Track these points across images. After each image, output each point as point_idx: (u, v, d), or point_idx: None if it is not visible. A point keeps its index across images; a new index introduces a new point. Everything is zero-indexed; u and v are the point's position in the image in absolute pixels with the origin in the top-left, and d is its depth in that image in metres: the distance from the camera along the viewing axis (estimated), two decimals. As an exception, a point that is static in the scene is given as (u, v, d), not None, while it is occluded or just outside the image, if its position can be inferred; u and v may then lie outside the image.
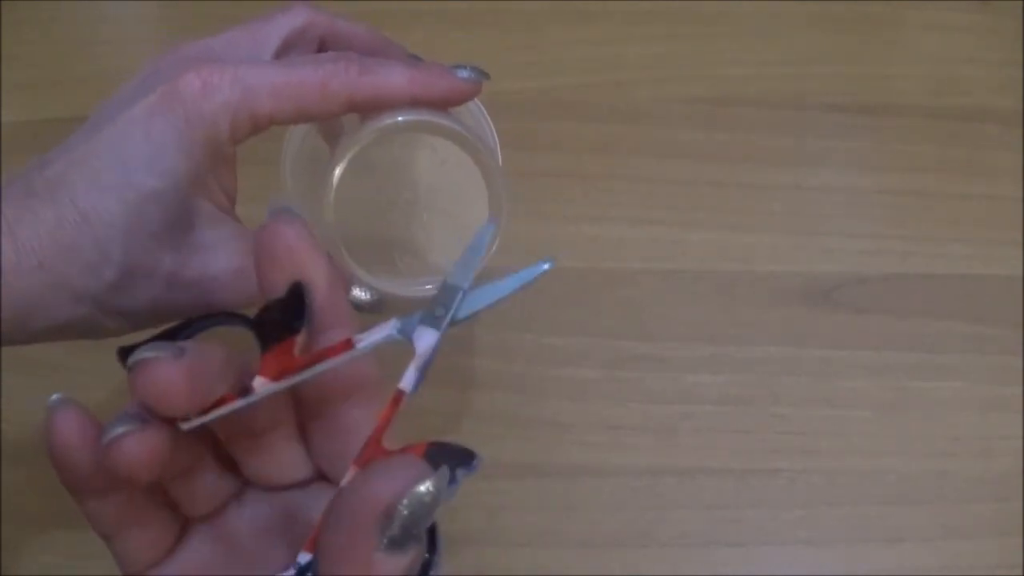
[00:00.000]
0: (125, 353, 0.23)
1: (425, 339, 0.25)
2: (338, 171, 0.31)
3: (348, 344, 0.24)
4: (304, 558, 0.22)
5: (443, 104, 0.32)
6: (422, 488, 0.20)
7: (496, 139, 0.39)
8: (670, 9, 0.57)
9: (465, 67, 0.32)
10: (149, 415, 0.23)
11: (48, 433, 0.23)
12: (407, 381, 0.24)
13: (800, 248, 0.49)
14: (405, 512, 0.19)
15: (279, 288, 0.24)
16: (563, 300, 0.47)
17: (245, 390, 0.24)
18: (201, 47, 0.32)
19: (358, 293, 0.34)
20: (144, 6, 0.60)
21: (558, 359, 0.45)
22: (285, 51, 0.33)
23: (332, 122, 0.36)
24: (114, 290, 0.29)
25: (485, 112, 0.39)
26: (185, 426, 0.23)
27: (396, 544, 0.19)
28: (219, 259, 0.31)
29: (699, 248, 0.49)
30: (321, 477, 0.27)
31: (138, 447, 0.22)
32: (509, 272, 0.26)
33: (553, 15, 0.57)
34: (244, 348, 0.24)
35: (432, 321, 0.25)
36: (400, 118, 0.31)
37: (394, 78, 0.31)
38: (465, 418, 0.44)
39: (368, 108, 0.31)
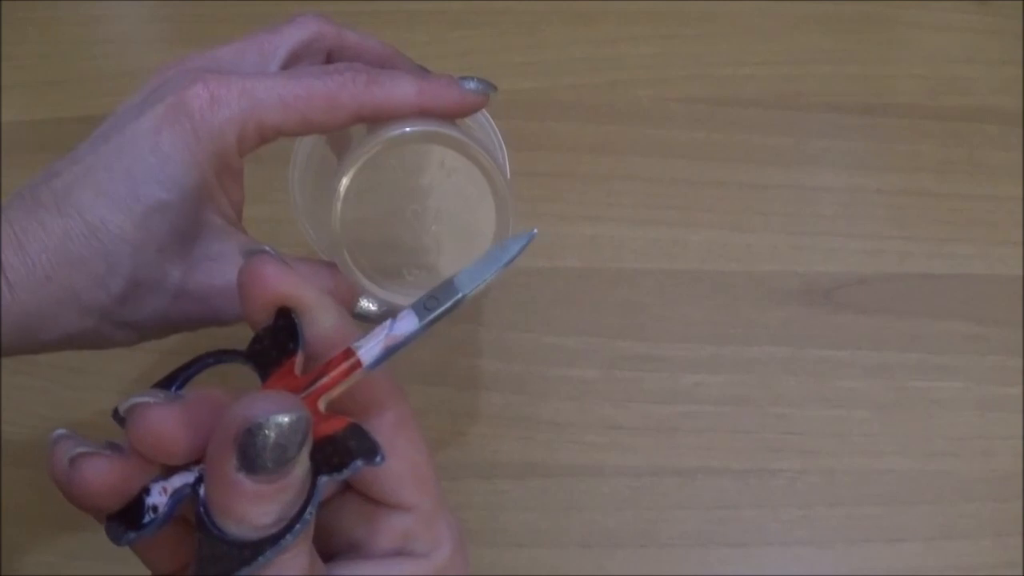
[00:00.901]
0: (119, 414, 0.22)
1: (405, 324, 0.24)
2: (345, 181, 0.31)
3: (348, 353, 0.24)
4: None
5: (451, 115, 0.32)
6: (282, 418, 0.20)
7: (505, 151, 0.39)
8: (670, 9, 0.57)
9: (473, 79, 0.32)
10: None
11: (69, 484, 0.22)
12: (368, 355, 0.24)
13: (800, 248, 0.49)
14: (263, 435, 0.20)
15: (266, 321, 0.24)
16: (563, 300, 0.47)
17: None
18: (208, 58, 0.32)
19: (366, 304, 0.34)
20: (144, 6, 0.60)
21: (558, 359, 0.45)
22: (292, 62, 0.33)
23: (340, 133, 0.36)
24: (121, 302, 0.29)
25: (494, 124, 0.39)
26: None
27: (251, 466, 0.20)
28: (226, 271, 0.31)
29: (699, 248, 0.49)
30: (348, 488, 0.27)
31: (95, 474, 0.22)
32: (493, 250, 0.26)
33: (553, 15, 0.57)
34: (244, 384, 0.24)
35: (420, 311, 0.25)
36: (408, 128, 0.31)
37: (402, 89, 0.31)
38: (465, 418, 0.44)
39: (376, 119, 0.31)
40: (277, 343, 0.24)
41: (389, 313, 0.34)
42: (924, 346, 0.46)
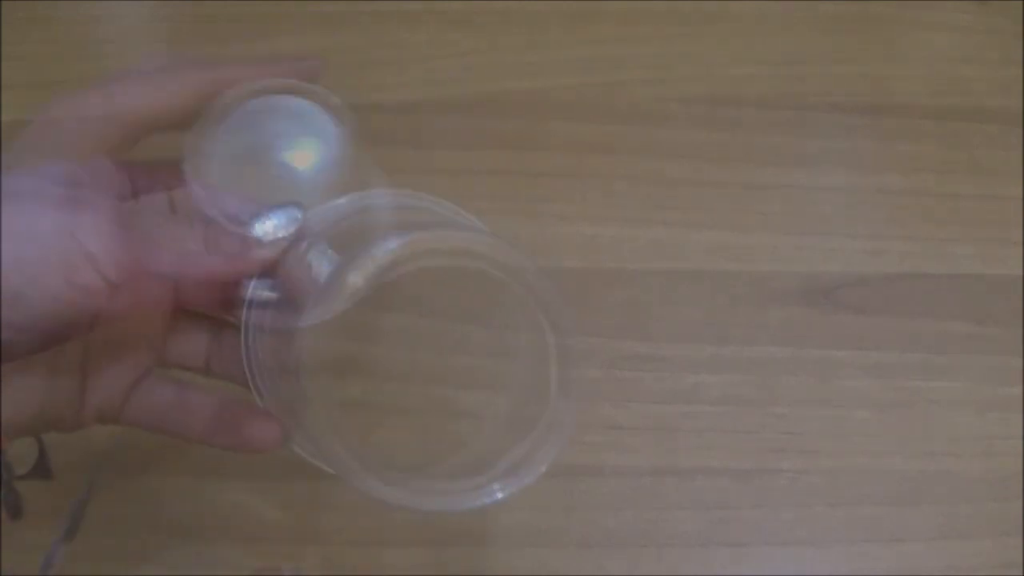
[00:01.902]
0: None
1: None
2: (208, 141, 0.33)
3: None
4: None
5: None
6: None
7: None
8: (670, 9, 0.57)
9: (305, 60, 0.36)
10: None
11: None
12: None
13: (800, 248, 0.49)
14: None
15: None
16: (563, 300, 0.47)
17: None
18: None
19: (253, 289, 0.35)
20: (144, 6, 0.60)
21: (558, 359, 0.45)
22: None
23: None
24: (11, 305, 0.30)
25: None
26: None
27: None
28: None
29: (699, 248, 0.49)
30: None
31: None
32: None
33: (553, 15, 0.57)
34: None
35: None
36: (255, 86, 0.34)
37: (241, 65, 0.34)
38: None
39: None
40: None
41: (276, 299, 0.35)
42: (924, 346, 0.46)
